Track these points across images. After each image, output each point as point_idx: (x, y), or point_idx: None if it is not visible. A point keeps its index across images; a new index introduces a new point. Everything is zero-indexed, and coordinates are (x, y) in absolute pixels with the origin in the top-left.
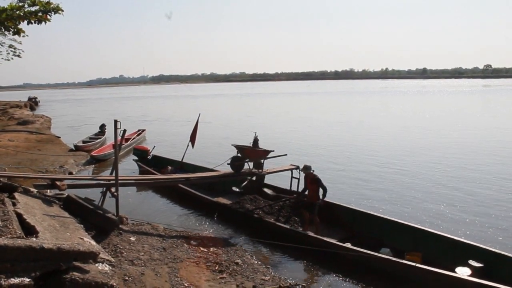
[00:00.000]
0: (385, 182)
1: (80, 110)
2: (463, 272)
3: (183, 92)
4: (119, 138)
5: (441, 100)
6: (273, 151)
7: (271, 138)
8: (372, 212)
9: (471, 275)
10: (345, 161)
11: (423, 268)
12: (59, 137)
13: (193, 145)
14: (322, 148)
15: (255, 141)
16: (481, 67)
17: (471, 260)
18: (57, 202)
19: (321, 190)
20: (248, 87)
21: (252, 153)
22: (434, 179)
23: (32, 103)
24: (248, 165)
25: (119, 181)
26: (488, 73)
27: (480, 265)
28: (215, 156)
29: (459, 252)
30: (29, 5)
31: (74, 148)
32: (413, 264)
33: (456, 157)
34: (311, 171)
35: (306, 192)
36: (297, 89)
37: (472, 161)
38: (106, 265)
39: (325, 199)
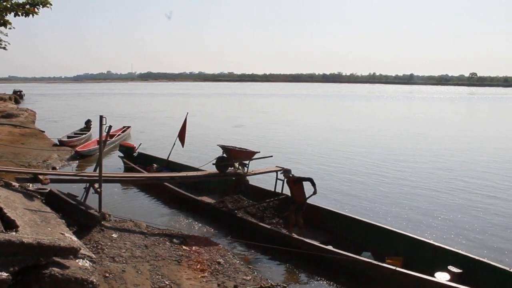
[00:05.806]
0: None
1: (61, 103)
2: (442, 277)
3: (169, 90)
4: (104, 134)
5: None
6: (259, 152)
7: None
8: (355, 216)
9: (449, 280)
10: (324, 162)
11: (402, 272)
12: (43, 132)
13: (183, 144)
14: (300, 150)
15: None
16: (466, 74)
17: (450, 266)
18: (39, 196)
19: (306, 185)
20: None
21: (238, 153)
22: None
23: (17, 96)
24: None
25: (103, 178)
26: (474, 81)
27: (459, 271)
28: (201, 156)
29: (439, 257)
30: None
31: (58, 143)
32: (393, 268)
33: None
34: (291, 175)
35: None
36: (286, 91)
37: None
38: (87, 261)
39: (310, 201)
